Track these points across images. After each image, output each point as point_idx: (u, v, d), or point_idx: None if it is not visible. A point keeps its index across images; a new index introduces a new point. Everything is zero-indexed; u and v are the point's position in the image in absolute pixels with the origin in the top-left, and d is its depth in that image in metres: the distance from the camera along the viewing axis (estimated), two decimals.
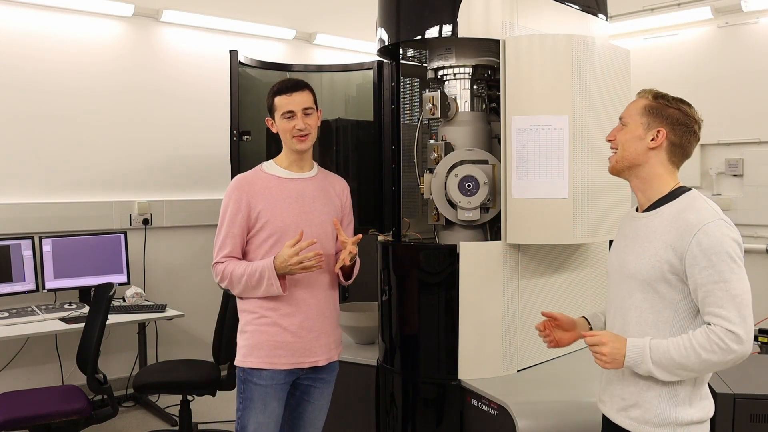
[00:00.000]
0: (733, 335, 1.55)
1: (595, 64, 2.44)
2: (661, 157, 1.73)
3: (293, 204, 2.29)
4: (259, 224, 2.26)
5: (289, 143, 2.30)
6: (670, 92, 1.79)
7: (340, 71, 3.35)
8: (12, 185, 4.21)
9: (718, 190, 5.02)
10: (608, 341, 1.67)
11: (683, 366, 1.60)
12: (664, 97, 1.75)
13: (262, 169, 2.37)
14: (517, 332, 2.52)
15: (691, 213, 1.64)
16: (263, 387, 2.25)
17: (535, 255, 2.56)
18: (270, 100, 2.33)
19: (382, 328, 2.71)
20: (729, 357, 1.57)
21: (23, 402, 3.13)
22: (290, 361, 2.26)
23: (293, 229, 2.24)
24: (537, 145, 2.38)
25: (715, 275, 1.58)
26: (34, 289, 4.05)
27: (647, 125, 1.72)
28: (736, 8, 4.78)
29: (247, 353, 2.28)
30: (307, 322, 2.27)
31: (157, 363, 4.17)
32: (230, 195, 2.30)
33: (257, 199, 2.27)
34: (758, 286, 4.76)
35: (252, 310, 2.29)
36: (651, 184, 1.74)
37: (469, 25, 2.45)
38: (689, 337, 1.60)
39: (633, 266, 1.71)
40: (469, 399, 2.42)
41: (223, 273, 2.26)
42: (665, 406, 1.67)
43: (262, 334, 2.26)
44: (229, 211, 2.28)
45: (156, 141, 4.75)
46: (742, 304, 1.58)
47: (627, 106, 1.80)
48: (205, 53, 4.96)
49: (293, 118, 2.27)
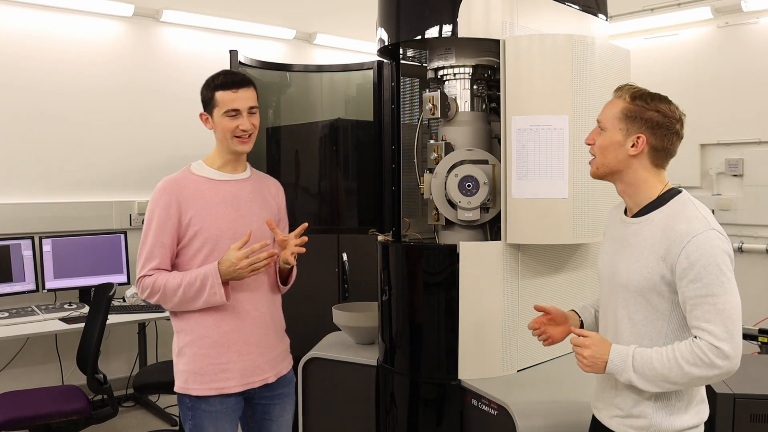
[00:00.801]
0: (718, 351, 1.51)
1: (595, 64, 2.44)
2: (644, 162, 1.67)
3: (228, 208, 2.09)
4: (191, 232, 2.04)
5: (229, 144, 2.09)
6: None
7: (340, 71, 3.35)
8: (12, 185, 4.22)
9: (718, 190, 5.01)
10: (592, 345, 1.64)
11: (665, 378, 1.56)
12: (642, 98, 1.65)
13: (191, 170, 2.14)
14: (517, 332, 2.52)
15: (682, 223, 1.59)
16: (213, 413, 2.05)
17: (535, 255, 2.56)
18: (209, 94, 2.08)
19: (382, 328, 2.71)
20: (713, 372, 1.52)
21: (23, 402, 3.13)
22: (240, 383, 2.08)
23: (229, 236, 2.05)
24: (537, 145, 2.38)
25: (702, 289, 1.53)
26: (34, 289, 4.05)
27: (626, 131, 1.65)
28: (736, 8, 4.78)
29: (189, 379, 2.06)
30: (253, 337, 2.10)
31: (157, 363, 4.17)
32: (157, 200, 2.05)
33: (188, 204, 2.05)
34: (758, 286, 4.79)
35: (189, 330, 2.07)
36: (638, 189, 1.69)
37: (469, 25, 2.45)
38: (673, 348, 1.56)
39: (625, 275, 1.67)
40: (469, 399, 2.42)
41: (153, 286, 2.02)
42: (661, 415, 1.64)
43: (205, 358, 2.04)
44: (156, 218, 2.04)
45: (156, 141, 4.75)
46: (729, 320, 1.52)
47: (604, 108, 1.72)
48: (205, 53, 4.96)
49: (237, 116, 2.06)
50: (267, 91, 3.29)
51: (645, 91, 1.68)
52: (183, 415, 2.11)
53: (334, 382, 2.89)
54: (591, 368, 1.66)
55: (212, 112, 2.09)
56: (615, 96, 1.71)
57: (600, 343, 1.65)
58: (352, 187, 3.22)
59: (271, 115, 3.35)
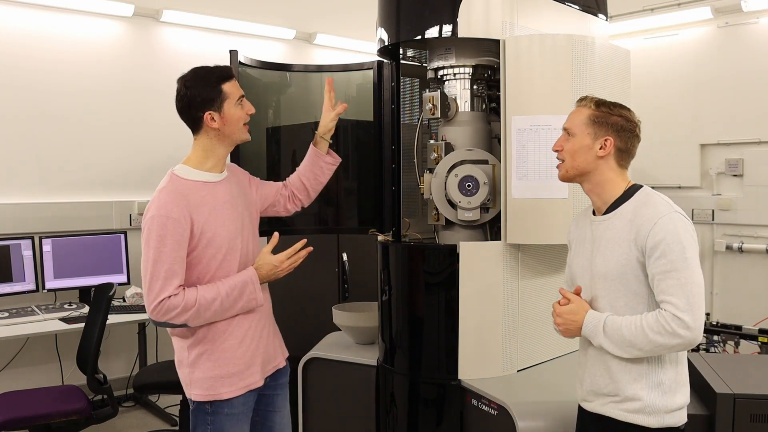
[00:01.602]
0: (680, 321, 1.64)
1: (595, 64, 2.44)
2: (610, 162, 1.82)
3: (229, 209, 2.06)
4: (205, 240, 1.97)
5: (239, 133, 2.07)
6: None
7: (340, 71, 3.35)
8: (12, 185, 4.21)
9: (718, 190, 5.01)
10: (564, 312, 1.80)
11: (632, 344, 1.69)
12: (605, 105, 1.83)
13: (182, 176, 2.03)
14: (517, 332, 2.52)
15: (648, 208, 1.74)
16: (234, 415, 2.03)
17: (535, 255, 2.56)
18: (214, 90, 2.01)
19: (382, 328, 2.71)
20: (675, 341, 1.65)
21: (23, 402, 3.13)
22: (261, 375, 2.09)
23: (236, 237, 2.03)
24: (537, 145, 2.38)
25: (667, 264, 1.67)
26: (34, 289, 4.05)
27: (594, 135, 1.81)
28: (736, 8, 4.78)
29: (215, 384, 2.01)
30: (265, 328, 2.14)
31: (157, 363, 4.17)
32: (168, 215, 1.92)
33: (197, 213, 1.97)
34: (758, 286, 4.80)
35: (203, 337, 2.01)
36: (604, 188, 1.83)
37: (469, 25, 2.45)
38: (642, 317, 1.70)
39: (602, 266, 1.80)
40: (469, 399, 2.42)
41: (185, 305, 1.90)
42: (654, 395, 1.74)
43: (231, 359, 2.02)
44: (171, 233, 1.91)
45: (156, 141, 4.75)
46: (691, 293, 1.65)
47: (570, 116, 1.88)
48: (205, 53, 4.96)
49: (243, 103, 2.07)
50: (267, 91, 3.29)
51: (606, 99, 1.85)
52: (200, 422, 2.04)
53: (334, 382, 2.89)
54: (567, 332, 1.83)
55: (222, 106, 2.03)
56: (579, 105, 1.87)
57: (576, 310, 1.80)
58: (352, 187, 3.21)
59: (271, 115, 3.34)
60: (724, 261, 4.98)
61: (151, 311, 1.94)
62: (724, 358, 2.83)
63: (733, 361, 2.71)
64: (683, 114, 5.03)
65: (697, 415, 2.30)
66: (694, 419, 2.22)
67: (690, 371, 1.89)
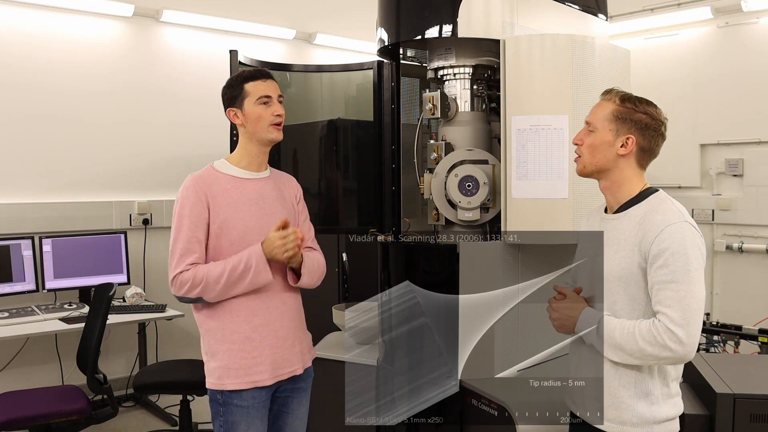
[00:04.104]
0: (672, 334, 1.58)
1: (595, 64, 2.44)
2: (630, 162, 1.75)
3: (254, 206, 2.12)
4: (219, 230, 2.07)
5: (265, 133, 2.12)
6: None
7: (340, 71, 3.36)
8: (12, 185, 4.21)
9: (718, 190, 5.01)
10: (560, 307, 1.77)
11: (622, 348, 1.65)
12: (631, 100, 1.74)
13: (216, 168, 2.17)
14: (517, 332, 2.52)
15: (658, 214, 1.67)
16: (245, 408, 2.09)
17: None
18: (237, 88, 2.12)
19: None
20: (665, 354, 1.60)
21: (23, 402, 3.13)
22: (271, 376, 2.12)
23: (256, 233, 2.07)
24: (537, 145, 2.38)
25: (668, 275, 1.61)
26: (34, 289, 4.05)
27: (616, 132, 1.73)
28: (736, 8, 4.78)
29: (222, 375, 2.09)
30: (282, 330, 2.14)
31: (157, 363, 4.17)
32: (186, 197, 2.08)
33: (216, 202, 2.08)
34: (758, 286, 4.79)
35: (220, 328, 2.10)
36: (620, 186, 1.77)
37: (469, 25, 2.45)
38: (636, 323, 1.65)
39: (605, 266, 1.74)
40: (469, 399, 2.42)
41: (194, 279, 2.02)
42: (641, 405, 1.70)
43: (238, 353, 2.08)
44: (189, 214, 2.05)
45: (156, 141, 4.74)
46: (688, 308, 1.59)
47: (593, 110, 1.79)
48: (205, 53, 4.96)
49: (270, 103, 2.10)
50: None
51: (633, 94, 1.76)
52: (214, 413, 2.13)
53: (334, 382, 2.89)
54: (561, 327, 1.80)
55: (242, 104, 2.11)
56: (603, 98, 1.79)
57: (573, 306, 1.77)
58: (351, 187, 3.22)
59: None
60: (724, 261, 4.97)
61: (171, 286, 2.07)
62: (724, 358, 2.84)
63: (733, 361, 2.70)
64: (683, 114, 5.02)
65: (697, 415, 2.30)
66: (694, 419, 2.22)
67: (690, 371, 1.89)
